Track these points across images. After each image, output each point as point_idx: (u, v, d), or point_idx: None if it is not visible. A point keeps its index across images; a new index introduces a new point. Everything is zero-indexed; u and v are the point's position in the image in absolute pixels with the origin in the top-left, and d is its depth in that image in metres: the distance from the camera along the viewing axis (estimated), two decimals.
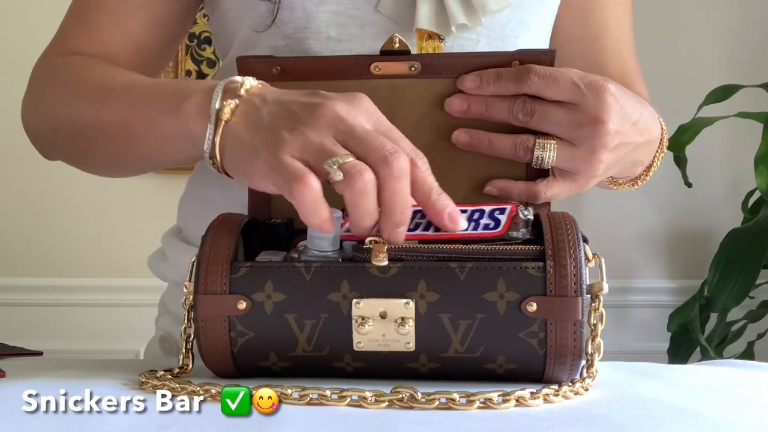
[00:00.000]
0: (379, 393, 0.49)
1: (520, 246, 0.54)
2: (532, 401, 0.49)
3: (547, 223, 0.55)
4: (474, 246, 0.53)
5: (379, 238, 0.52)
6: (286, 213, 0.62)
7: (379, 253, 0.52)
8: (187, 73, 1.96)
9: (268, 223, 0.62)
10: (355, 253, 0.54)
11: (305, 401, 0.49)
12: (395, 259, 0.53)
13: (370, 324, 0.52)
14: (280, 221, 0.63)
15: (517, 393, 0.49)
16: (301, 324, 0.53)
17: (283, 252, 0.57)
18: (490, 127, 0.65)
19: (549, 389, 0.50)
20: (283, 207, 0.62)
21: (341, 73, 0.65)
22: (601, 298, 0.53)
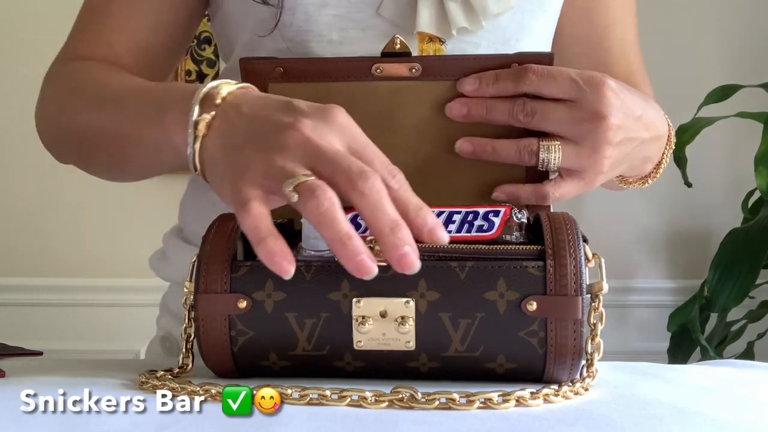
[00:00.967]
0: (379, 393, 0.49)
1: (520, 246, 0.54)
2: (532, 401, 0.49)
3: (547, 223, 0.55)
4: (474, 245, 0.54)
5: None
6: (286, 214, 0.62)
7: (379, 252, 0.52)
8: (187, 73, 1.96)
9: None
10: None
11: (305, 401, 0.49)
12: None
13: (370, 323, 0.52)
14: (280, 222, 0.62)
15: (517, 393, 0.49)
16: (301, 323, 0.53)
17: None
18: (492, 131, 0.65)
19: (549, 389, 0.51)
20: (283, 208, 0.62)
21: (343, 75, 0.65)
22: (601, 297, 0.53)
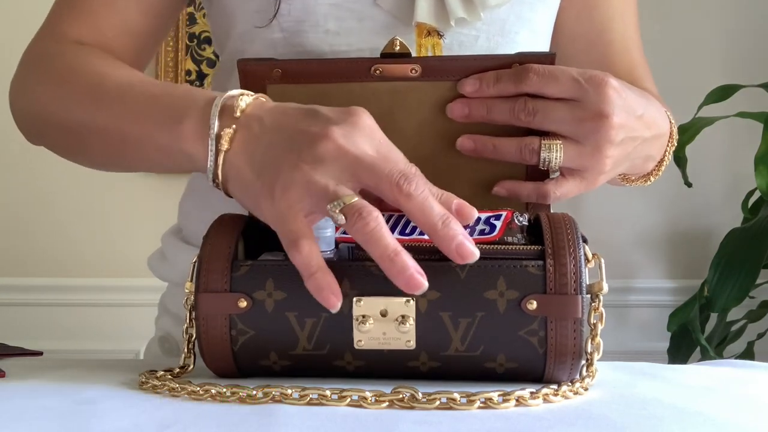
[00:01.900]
0: (379, 393, 0.49)
1: (520, 246, 0.54)
2: (532, 401, 0.49)
3: (547, 223, 0.55)
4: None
5: None
6: None
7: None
8: (187, 73, 1.96)
9: None
10: (356, 251, 0.54)
11: (305, 401, 0.49)
12: None
13: (370, 322, 0.52)
14: None
15: (517, 393, 0.49)
16: (301, 322, 0.53)
17: (283, 252, 0.57)
18: (494, 131, 0.64)
19: (549, 389, 0.51)
20: None
21: (342, 76, 0.64)
22: (601, 297, 0.53)
